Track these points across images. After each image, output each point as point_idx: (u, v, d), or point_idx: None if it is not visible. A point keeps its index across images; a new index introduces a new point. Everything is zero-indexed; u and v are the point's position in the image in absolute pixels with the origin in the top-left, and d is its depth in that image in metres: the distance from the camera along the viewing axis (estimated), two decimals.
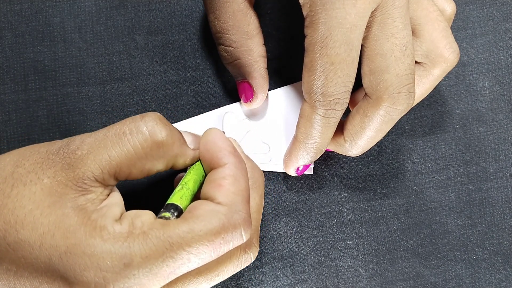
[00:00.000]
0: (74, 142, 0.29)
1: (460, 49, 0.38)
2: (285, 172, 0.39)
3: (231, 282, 0.39)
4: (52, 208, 0.27)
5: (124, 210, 0.29)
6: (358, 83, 0.34)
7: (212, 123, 0.39)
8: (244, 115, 0.40)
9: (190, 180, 0.31)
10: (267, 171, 0.40)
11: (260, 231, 0.40)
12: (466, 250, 0.40)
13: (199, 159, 0.32)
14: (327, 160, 0.40)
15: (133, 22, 0.41)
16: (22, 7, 0.40)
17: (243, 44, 0.36)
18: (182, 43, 0.41)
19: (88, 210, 0.28)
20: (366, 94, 0.34)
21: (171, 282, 0.29)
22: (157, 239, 0.27)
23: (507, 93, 0.41)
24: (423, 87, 0.36)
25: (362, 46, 0.33)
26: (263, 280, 0.40)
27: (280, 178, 0.40)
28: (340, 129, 0.36)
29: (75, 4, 0.40)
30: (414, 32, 0.35)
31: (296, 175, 0.39)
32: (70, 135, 0.40)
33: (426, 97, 0.39)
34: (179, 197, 0.30)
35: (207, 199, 0.30)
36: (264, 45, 0.37)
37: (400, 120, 0.41)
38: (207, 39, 0.41)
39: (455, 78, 0.41)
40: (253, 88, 0.38)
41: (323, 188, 0.40)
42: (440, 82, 0.40)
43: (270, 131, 0.40)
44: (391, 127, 0.35)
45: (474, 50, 0.42)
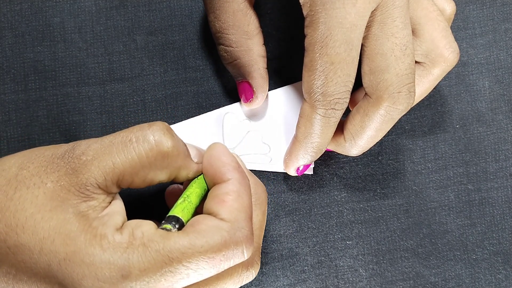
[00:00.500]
0: (80, 147, 0.29)
1: (460, 49, 0.38)
2: (285, 172, 0.39)
3: None
4: (54, 213, 0.27)
5: (125, 218, 0.29)
6: (358, 83, 0.34)
7: (212, 124, 0.39)
8: (244, 115, 0.40)
9: (192, 193, 0.31)
10: (267, 171, 0.40)
11: None
12: (465, 250, 0.40)
13: (201, 173, 0.32)
14: (327, 160, 0.40)
15: (133, 22, 0.41)
16: (22, 7, 0.40)
17: (243, 44, 0.36)
18: (182, 43, 0.41)
19: (89, 217, 0.28)
20: (366, 94, 0.34)
21: None
22: (156, 252, 0.27)
23: (507, 93, 0.41)
24: (423, 87, 0.36)
25: (362, 45, 0.33)
26: (263, 280, 0.40)
27: (280, 178, 0.40)
28: (340, 128, 0.36)
29: (75, 4, 0.41)
30: (414, 32, 0.35)
31: (296, 175, 0.39)
32: (70, 135, 0.40)
33: (426, 97, 0.39)
34: (181, 209, 0.30)
35: (210, 214, 0.29)
36: (264, 45, 0.37)
37: (400, 120, 0.41)
38: (207, 39, 0.41)
39: (455, 78, 0.41)
40: (253, 88, 0.38)
41: (323, 188, 0.40)
42: (440, 82, 0.40)
43: (270, 131, 0.40)
44: (391, 126, 0.35)
45: (474, 50, 0.42)
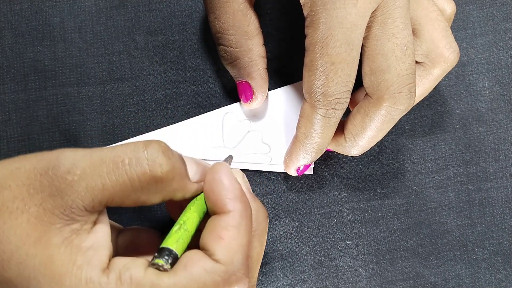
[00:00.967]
0: (65, 163, 0.27)
1: (460, 49, 0.38)
2: (285, 172, 0.39)
3: None
4: (38, 248, 0.26)
5: (111, 251, 0.28)
6: (359, 83, 0.34)
7: (212, 124, 0.39)
8: (244, 115, 0.40)
9: (189, 219, 0.29)
10: (267, 171, 0.40)
11: None
12: (465, 250, 0.41)
13: (201, 192, 0.30)
14: (327, 160, 0.40)
15: (133, 22, 0.41)
16: (22, 7, 0.40)
17: (242, 44, 0.36)
18: (182, 43, 0.41)
19: (73, 247, 0.26)
20: (367, 94, 0.34)
21: None
22: None
23: (507, 93, 0.42)
24: (423, 87, 0.36)
25: (363, 46, 0.33)
26: (263, 280, 0.39)
27: (280, 178, 0.40)
28: (340, 129, 0.36)
29: (75, 4, 0.40)
30: (414, 32, 0.35)
31: (296, 175, 0.39)
32: (70, 135, 0.40)
33: (426, 97, 0.39)
34: (175, 240, 0.28)
35: (204, 249, 0.28)
36: (264, 45, 0.37)
37: (400, 120, 0.41)
38: (207, 39, 0.41)
39: (455, 78, 0.42)
40: (252, 88, 0.38)
41: (323, 188, 0.40)
42: (440, 82, 0.40)
43: (271, 131, 0.40)
44: (391, 126, 0.35)
45: (474, 50, 0.42)
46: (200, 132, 0.39)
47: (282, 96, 0.40)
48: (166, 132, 0.39)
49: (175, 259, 0.27)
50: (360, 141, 0.35)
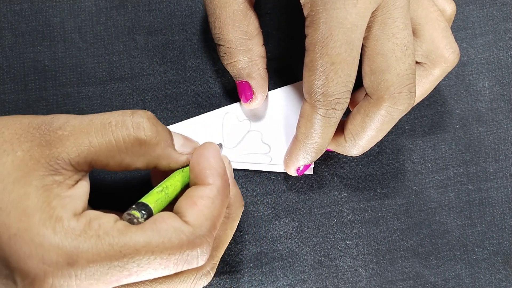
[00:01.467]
0: (58, 121, 0.29)
1: (460, 49, 0.38)
2: (285, 172, 0.39)
3: (231, 283, 0.39)
4: (16, 185, 0.27)
5: (86, 205, 0.29)
6: (359, 83, 0.34)
7: (212, 124, 0.39)
8: (244, 115, 0.40)
9: (172, 185, 0.31)
10: (267, 171, 0.40)
11: (260, 231, 0.40)
12: (465, 250, 0.41)
13: (188, 166, 0.32)
14: (327, 160, 0.40)
15: (133, 22, 0.41)
16: (22, 7, 0.40)
17: (242, 44, 0.36)
18: (182, 43, 0.41)
19: (51, 193, 0.27)
20: (366, 94, 0.34)
21: None
22: (109, 246, 0.26)
23: (507, 93, 0.42)
24: (423, 87, 0.36)
25: (363, 46, 0.33)
26: (263, 280, 0.40)
27: (280, 178, 0.40)
28: (340, 129, 0.36)
29: (75, 4, 0.40)
30: (414, 32, 0.35)
31: (296, 175, 0.39)
32: None
33: (426, 97, 0.39)
34: (155, 199, 0.29)
35: (177, 213, 0.29)
36: (263, 45, 0.37)
37: (400, 120, 0.41)
38: (207, 39, 0.41)
39: (455, 78, 0.42)
40: (252, 88, 0.38)
41: (323, 188, 0.40)
42: (440, 82, 0.40)
43: (270, 131, 0.40)
44: (391, 127, 0.35)
45: (474, 50, 0.42)
46: (200, 132, 0.39)
47: (282, 96, 0.40)
48: None
49: (149, 216, 0.28)
50: (360, 141, 0.35)
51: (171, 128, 0.39)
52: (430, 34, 0.35)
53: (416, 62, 0.36)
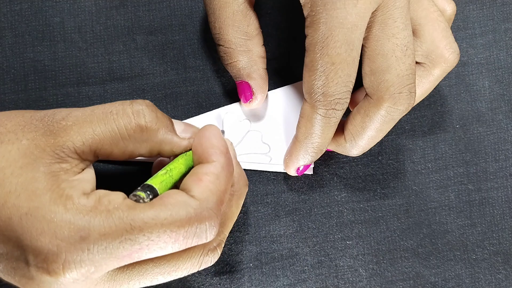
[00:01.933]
0: (61, 113, 0.30)
1: (460, 49, 0.38)
2: (285, 172, 0.39)
3: (231, 283, 0.39)
4: (24, 170, 0.27)
5: (94, 187, 0.29)
6: (359, 83, 0.34)
7: (212, 123, 0.39)
8: (244, 115, 0.40)
9: (176, 167, 0.31)
10: (267, 171, 0.40)
11: (260, 231, 0.40)
12: (465, 250, 0.41)
13: (191, 149, 0.32)
14: (327, 160, 0.40)
15: (133, 22, 0.41)
16: (22, 7, 0.40)
17: (242, 45, 0.36)
18: (182, 43, 0.41)
19: (59, 178, 0.28)
20: (367, 94, 0.34)
21: (127, 267, 0.29)
22: (119, 219, 0.27)
23: (507, 93, 0.42)
24: (423, 87, 0.36)
25: (363, 46, 0.33)
26: (263, 280, 0.40)
27: (280, 178, 0.40)
28: (340, 129, 0.36)
29: (75, 4, 0.40)
30: (414, 32, 0.35)
31: (296, 175, 0.39)
32: None
33: (426, 97, 0.39)
34: (159, 181, 0.30)
35: (184, 190, 0.30)
36: (263, 45, 0.37)
37: (400, 120, 0.41)
38: (207, 39, 0.41)
39: (455, 78, 0.42)
40: (252, 88, 0.38)
41: (323, 188, 0.40)
42: (440, 82, 0.40)
43: (270, 131, 0.40)
44: (391, 127, 0.35)
45: (474, 50, 0.42)
46: None
47: (282, 96, 0.40)
48: None
49: (154, 197, 0.29)
50: (360, 141, 0.35)
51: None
52: (430, 34, 0.35)
53: (416, 62, 0.36)
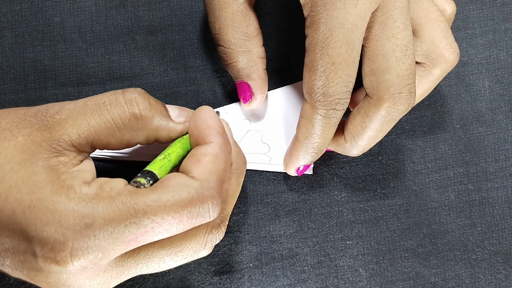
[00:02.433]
0: (54, 108, 0.29)
1: (460, 49, 0.38)
2: (285, 172, 0.39)
3: (231, 283, 0.39)
4: (23, 165, 0.27)
5: (95, 176, 0.29)
6: (359, 83, 0.34)
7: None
8: (243, 115, 0.40)
9: (173, 152, 0.31)
10: (267, 171, 0.40)
11: (260, 231, 0.40)
12: (465, 250, 0.41)
13: (187, 133, 0.32)
14: (327, 160, 0.40)
15: (133, 22, 0.41)
16: (22, 7, 0.40)
17: (242, 45, 0.36)
18: (182, 43, 0.41)
19: (58, 171, 0.28)
20: (367, 94, 0.34)
21: (133, 251, 0.29)
22: (122, 204, 0.27)
23: (507, 93, 0.42)
24: (423, 87, 0.36)
25: (363, 46, 0.33)
26: (263, 280, 0.40)
27: (280, 178, 0.40)
28: (340, 129, 0.36)
29: (75, 4, 0.40)
30: (414, 32, 0.35)
31: (296, 175, 0.39)
32: None
33: (426, 97, 0.39)
34: (158, 166, 0.30)
35: (183, 172, 0.30)
36: (263, 46, 0.37)
37: (400, 120, 0.41)
38: (207, 39, 0.41)
39: (455, 78, 0.42)
40: (252, 89, 0.38)
41: (323, 188, 0.40)
42: (440, 82, 0.40)
43: (270, 131, 0.40)
44: (391, 127, 0.35)
45: (474, 50, 0.42)
46: None
47: (282, 96, 0.40)
48: None
49: (155, 182, 0.29)
50: (360, 141, 0.35)
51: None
52: (430, 34, 0.35)
53: (416, 62, 0.36)
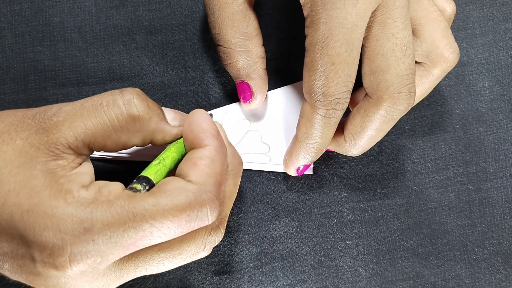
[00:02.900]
0: (51, 109, 0.29)
1: (460, 49, 0.38)
2: (285, 172, 0.39)
3: (231, 283, 0.39)
4: (21, 169, 0.27)
5: (93, 180, 0.29)
6: (358, 83, 0.34)
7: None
8: (243, 115, 0.40)
9: (168, 156, 0.31)
10: (267, 171, 0.40)
11: (260, 231, 0.40)
12: (465, 250, 0.41)
13: (181, 137, 0.32)
14: (327, 160, 0.40)
15: (133, 22, 0.41)
16: (22, 7, 0.40)
17: (241, 45, 0.36)
18: (182, 43, 0.41)
19: (57, 175, 0.28)
20: (366, 94, 0.34)
21: (132, 255, 0.29)
22: (121, 208, 0.27)
23: (507, 93, 0.42)
24: (423, 87, 0.36)
25: (363, 46, 0.33)
26: (263, 280, 0.40)
27: (280, 178, 0.40)
28: (340, 129, 0.36)
29: (75, 4, 0.40)
30: (414, 32, 0.35)
31: (296, 175, 0.39)
32: None
33: (426, 97, 0.39)
34: (154, 171, 0.30)
35: (180, 176, 0.30)
36: (263, 46, 0.37)
37: (400, 120, 0.41)
38: (207, 39, 0.41)
39: (455, 78, 0.41)
40: (252, 89, 0.38)
41: (323, 188, 0.40)
42: (440, 82, 0.40)
43: (270, 131, 0.40)
44: (391, 127, 0.35)
45: (474, 50, 0.42)
46: None
47: (282, 96, 0.40)
48: None
49: (151, 187, 0.29)
50: (360, 141, 0.35)
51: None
52: (430, 34, 0.35)
53: (416, 62, 0.36)
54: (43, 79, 0.40)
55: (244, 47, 0.36)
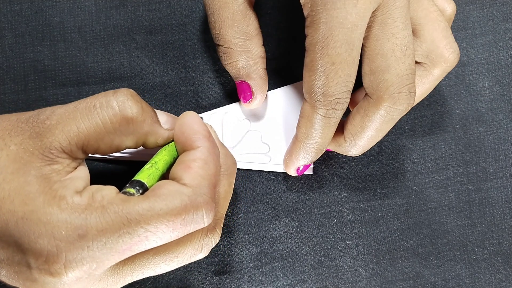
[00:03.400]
0: (45, 113, 0.29)
1: (460, 49, 0.38)
2: (285, 172, 0.39)
3: (231, 283, 0.39)
4: (15, 175, 0.27)
5: (88, 184, 0.29)
6: (359, 83, 0.34)
7: (211, 123, 0.39)
8: (243, 115, 0.40)
9: (160, 160, 0.31)
10: (267, 171, 0.40)
11: (260, 231, 0.40)
12: (465, 250, 0.41)
13: (173, 140, 0.32)
14: (327, 160, 0.40)
15: (132, 22, 0.41)
16: (22, 7, 0.40)
17: (242, 45, 0.36)
18: (182, 43, 0.41)
19: (51, 180, 0.28)
20: (366, 94, 0.34)
21: (128, 259, 0.29)
22: (115, 214, 0.27)
23: (507, 93, 0.42)
24: (423, 87, 0.36)
25: (363, 46, 0.33)
26: (263, 280, 0.40)
27: (280, 178, 0.40)
28: (340, 129, 0.36)
29: (75, 4, 0.40)
30: (414, 32, 0.35)
31: (296, 175, 0.39)
32: None
33: (426, 97, 0.39)
34: (146, 175, 0.30)
35: (174, 179, 0.30)
36: (263, 45, 0.37)
37: (400, 120, 0.41)
38: (207, 39, 0.41)
39: (455, 78, 0.41)
40: (252, 89, 0.38)
41: (323, 188, 0.40)
42: (440, 82, 0.40)
43: (270, 131, 0.40)
44: (391, 127, 0.35)
45: (474, 50, 0.42)
46: None
47: (282, 96, 0.40)
48: None
49: (145, 191, 0.29)
50: (360, 141, 0.35)
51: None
52: (430, 34, 0.35)
53: (416, 62, 0.36)
54: (43, 79, 0.40)
55: (244, 47, 0.36)
